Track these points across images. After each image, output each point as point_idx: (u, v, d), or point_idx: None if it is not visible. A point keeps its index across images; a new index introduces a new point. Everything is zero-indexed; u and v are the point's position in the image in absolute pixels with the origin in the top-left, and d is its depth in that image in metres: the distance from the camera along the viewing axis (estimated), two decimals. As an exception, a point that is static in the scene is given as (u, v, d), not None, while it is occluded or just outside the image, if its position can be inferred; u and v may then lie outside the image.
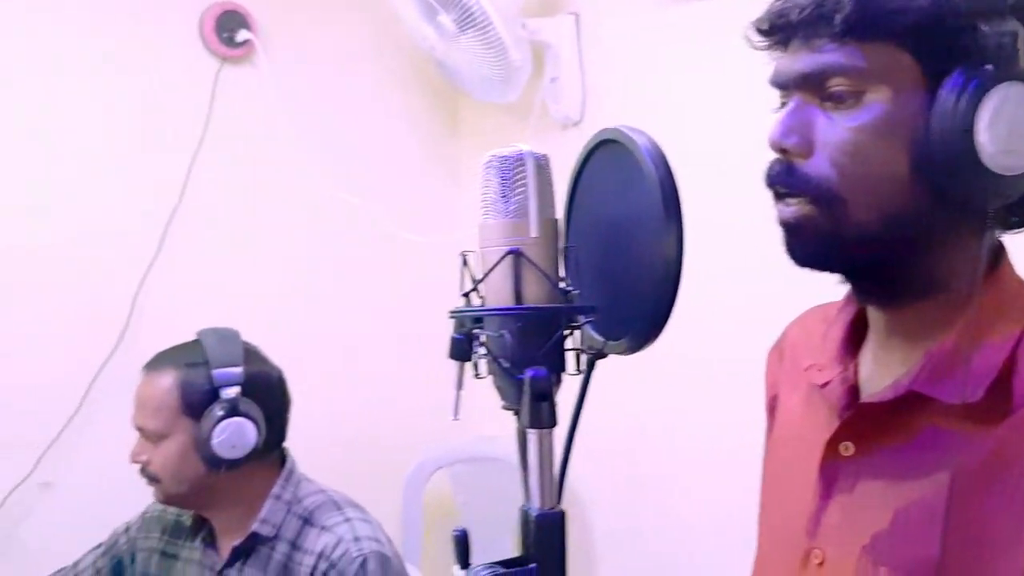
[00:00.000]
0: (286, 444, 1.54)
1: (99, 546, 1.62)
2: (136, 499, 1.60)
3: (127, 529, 1.60)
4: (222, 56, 2.28)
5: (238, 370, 1.42)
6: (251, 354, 1.47)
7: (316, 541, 1.43)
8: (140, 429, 1.44)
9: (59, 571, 1.60)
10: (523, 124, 2.33)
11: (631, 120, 0.80)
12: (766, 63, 0.85)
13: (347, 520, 1.47)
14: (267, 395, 1.46)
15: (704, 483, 2.03)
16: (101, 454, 2.07)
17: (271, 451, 1.49)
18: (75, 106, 2.13)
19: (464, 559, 0.77)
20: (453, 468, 2.68)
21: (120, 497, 1.66)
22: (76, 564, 1.61)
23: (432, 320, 2.72)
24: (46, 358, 2.08)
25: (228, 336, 1.47)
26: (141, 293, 2.15)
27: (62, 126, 2.11)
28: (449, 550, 2.69)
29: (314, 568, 1.41)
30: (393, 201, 2.54)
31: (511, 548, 2.60)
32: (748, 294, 1.81)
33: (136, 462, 1.45)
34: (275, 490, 1.47)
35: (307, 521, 1.46)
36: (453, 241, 2.58)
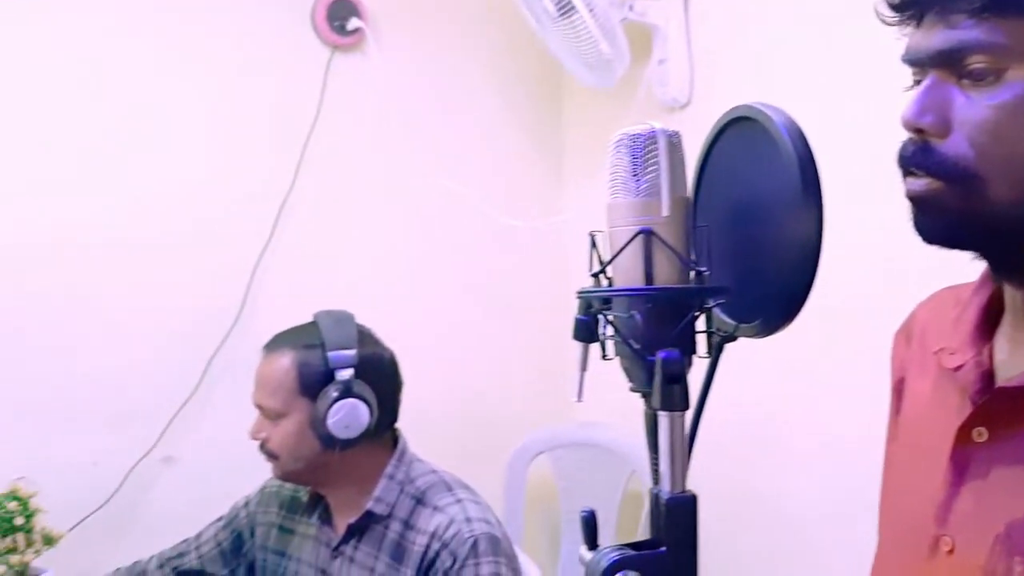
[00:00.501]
0: (396, 425, 1.57)
1: (220, 519, 1.67)
2: (253, 474, 1.65)
3: (246, 503, 1.65)
4: (333, 44, 2.32)
5: (352, 352, 1.45)
6: (364, 336, 1.50)
7: (429, 521, 1.45)
8: (260, 407, 1.48)
9: (183, 542, 1.67)
10: (628, 107, 2.31)
11: (741, 102, 0.78)
12: (894, 40, 0.82)
13: (458, 501, 1.48)
14: (380, 377, 1.48)
15: (813, 474, 1.98)
16: (219, 430, 2.15)
17: (383, 431, 1.52)
18: (191, 96, 2.20)
19: (592, 540, 0.76)
20: (555, 453, 2.68)
21: (237, 471, 1.71)
22: (199, 536, 1.67)
23: (535, 305, 2.76)
24: (168, 338, 2.16)
25: (343, 318, 1.50)
26: (256, 276, 2.22)
27: (178, 116, 2.18)
28: (549, 534, 2.73)
29: (427, 547, 1.43)
30: (497, 187, 2.56)
31: (611, 535, 2.60)
32: (866, 280, 1.75)
33: (255, 439, 1.49)
34: (388, 470, 1.50)
35: (419, 501, 1.48)
36: (556, 227, 2.62)
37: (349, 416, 1.42)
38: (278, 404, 1.45)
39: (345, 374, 1.43)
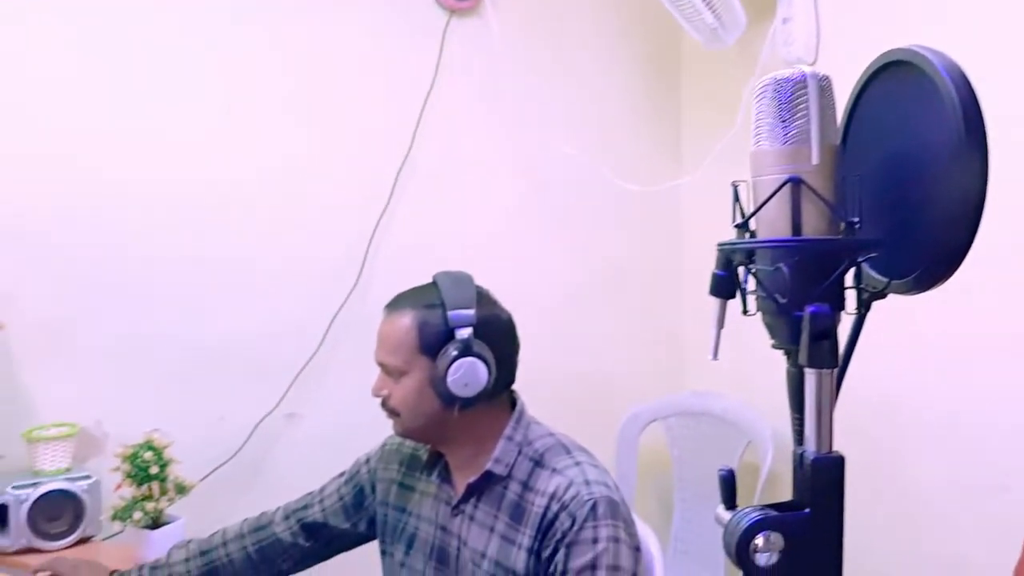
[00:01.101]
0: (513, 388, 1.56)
1: (342, 474, 1.71)
2: (372, 432, 1.68)
3: (368, 460, 1.68)
4: (451, 8, 2.32)
5: (471, 312, 1.45)
6: (483, 297, 1.50)
7: (548, 482, 1.44)
8: (381, 365, 1.50)
9: (307, 495, 1.71)
10: (750, 68, 2.23)
11: (871, 60, 0.73)
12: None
13: (577, 464, 1.47)
14: (498, 337, 1.48)
15: (944, 447, 1.90)
16: (340, 388, 2.21)
17: (501, 392, 1.52)
18: (314, 64, 2.23)
19: (730, 500, 0.73)
20: (668, 421, 2.65)
21: (358, 429, 1.75)
22: (322, 489, 1.71)
23: (650, 272, 2.72)
24: (291, 301, 2.23)
25: (462, 279, 1.50)
26: (375, 239, 2.25)
27: (301, 84, 2.23)
28: (661, 502, 2.70)
29: (546, 509, 1.42)
30: (613, 151, 2.52)
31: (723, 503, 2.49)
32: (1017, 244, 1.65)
33: (377, 396, 1.51)
34: (507, 431, 1.50)
35: (538, 463, 1.48)
36: (673, 192, 2.57)
37: (468, 375, 1.43)
38: (399, 362, 1.46)
39: (464, 333, 1.43)
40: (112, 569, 1.73)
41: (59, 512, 1.92)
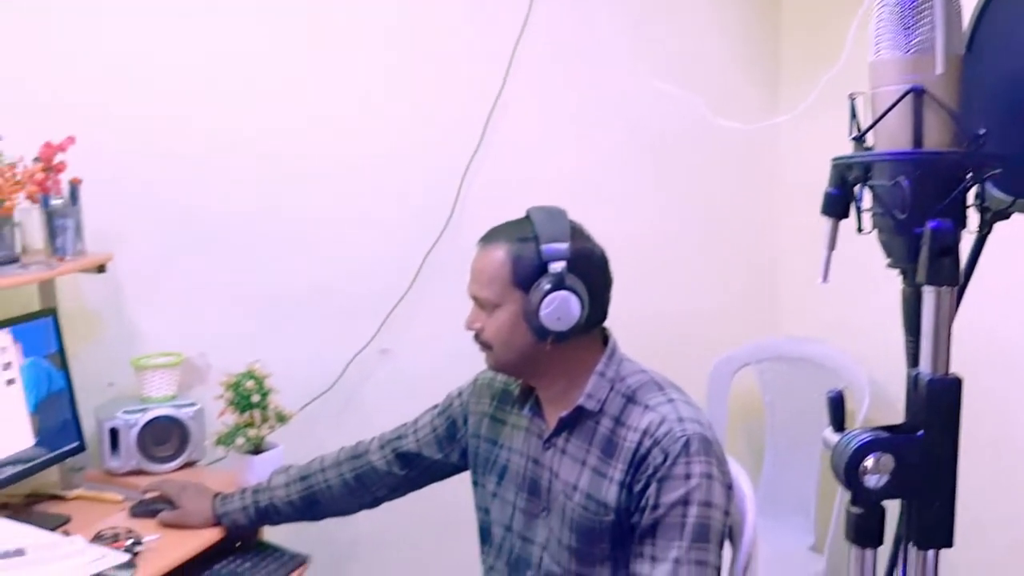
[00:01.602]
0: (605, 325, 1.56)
1: (435, 407, 1.74)
2: (463, 367, 1.70)
3: (460, 393, 1.71)
4: (544, -56, 2.28)
5: (565, 246, 1.44)
6: (577, 231, 1.48)
7: (640, 418, 1.44)
8: (475, 298, 1.51)
9: (401, 426, 1.75)
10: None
11: None
12: None
13: (670, 400, 1.46)
14: (591, 272, 1.47)
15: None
16: (432, 324, 2.24)
17: (593, 328, 1.51)
18: (406, 6, 2.23)
19: (839, 422, 0.71)
20: (761, 366, 2.61)
21: (449, 364, 1.77)
22: (416, 421, 1.74)
23: (746, 212, 2.65)
24: (385, 239, 2.26)
25: (556, 213, 1.49)
26: (467, 177, 2.26)
27: (394, 26, 2.23)
28: (752, 447, 2.67)
29: (638, 444, 1.42)
30: (709, 88, 2.46)
31: (818, 451, 2.49)
32: None
33: (470, 329, 1.52)
34: (599, 367, 1.49)
35: (630, 399, 1.47)
36: (771, 130, 2.49)
37: (561, 308, 1.42)
38: (492, 295, 1.47)
39: (557, 267, 1.43)
40: (216, 491, 1.81)
41: (166, 437, 2.00)
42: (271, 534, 1.87)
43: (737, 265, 2.66)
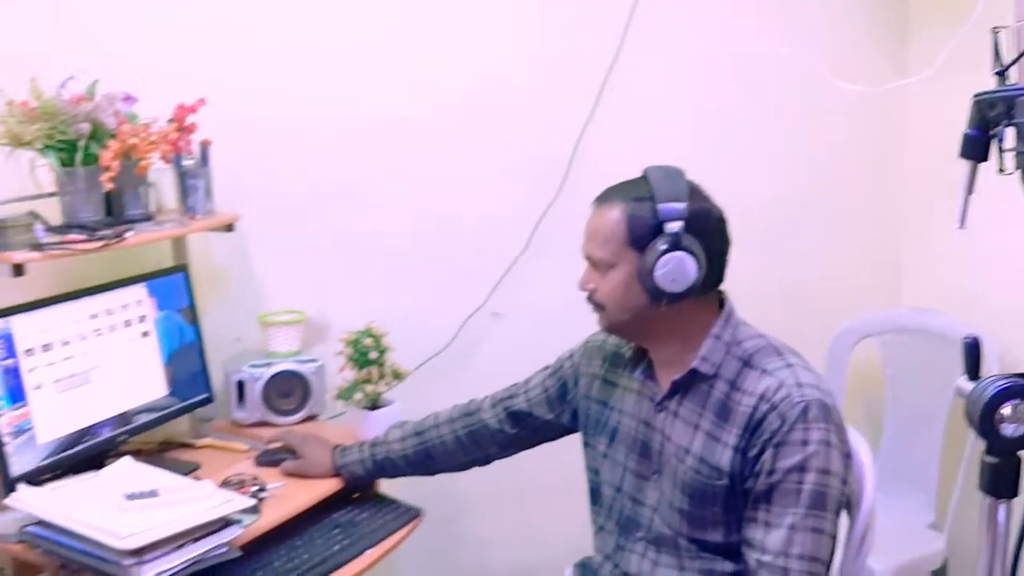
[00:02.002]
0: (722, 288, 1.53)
1: (546, 368, 1.75)
2: (574, 331, 1.70)
3: (571, 355, 1.71)
4: (663, -102, 2.23)
5: (682, 206, 1.42)
6: (695, 191, 1.46)
7: (757, 383, 1.42)
8: (589, 258, 1.50)
9: (513, 385, 1.77)
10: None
11: None
12: None
13: (789, 365, 1.43)
14: (709, 232, 1.45)
15: None
16: (544, 288, 2.24)
17: (710, 290, 1.49)
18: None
19: (974, 369, 0.68)
20: (882, 338, 2.52)
21: (560, 328, 1.78)
22: (527, 381, 1.76)
23: (869, 179, 2.56)
24: (499, 202, 2.27)
25: (673, 173, 1.47)
26: (582, 140, 2.25)
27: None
28: (871, 421, 2.59)
29: (754, 409, 1.40)
30: (831, 48, 2.37)
31: (941, 427, 2.41)
32: None
33: (584, 290, 1.52)
34: (715, 330, 1.47)
35: (747, 363, 1.45)
36: (896, 92, 2.38)
37: (676, 269, 1.41)
38: (607, 255, 1.46)
39: (674, 227, 1.41)
40: (335, 444, 1.88)
41: (289, 390, 2.08)
42: (387, 487, 1.93)
43: (859, 233, 2.57)
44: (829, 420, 1.38)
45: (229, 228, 1.99)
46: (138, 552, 1.42)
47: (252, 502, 1.64)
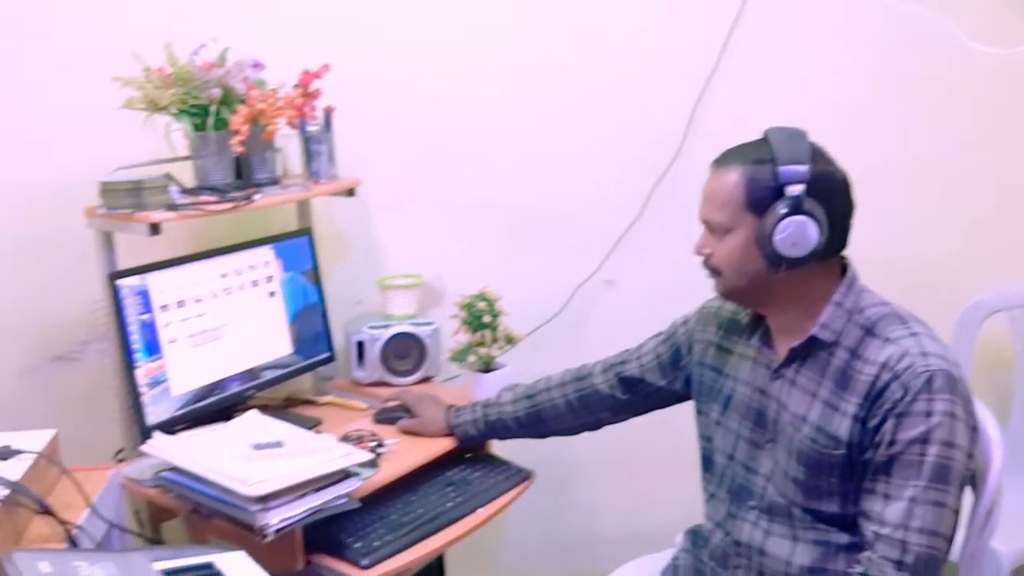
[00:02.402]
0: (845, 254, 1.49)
1: (659, 334, 1.74)
2: (688, 299, 1.69)
3: (685, 321, 1.70)
4: None
5: (804, 168, 1.38)
6: (818, 154, 1.42)
7: (879, 351, 1.37)
8: (705, 222, 1.48)
9: (625, 351, 1.77)
10: None
11: None
12: None
13: (914, 334, 1.38)
14: (831, 196, 1.40)
15: None
16: (658, 256, 2.23)
17: (832, 256, 1.45)
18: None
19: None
20: (1013, 313, 2.40)
21: (673, 297, 1.77)
22: (640, 347, 1.75)
23: (1003, 146, 2.42)
24: (613, 169, 2.26)
25: (796, 134, 1.43)
26: (699, 106, 2.21)
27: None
28: (999, 400, 2.46)
29: (876, 378, 1.36)
30: (965, 7, 2.25)
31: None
32: None
33: (700, 254, 1.50)
34: (836, 297, 1.43)
35: (869, 331, 1.41)
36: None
37: (797, 234, 1.37)
38: (724, 219, 1.43)
39: (795, 190, 1.37)
40: (449, 404, 1.92)
41: (406, 352, 2.14)
42: (499, 449, 1.96)
43: (991, 203, 2.44)
44: (955, 391, 1.33)
45: (351, 193, 2.05)
46: (264, 499, 1.49)
47: (370, 456, 1.70)
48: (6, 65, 1.94)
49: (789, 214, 1.37)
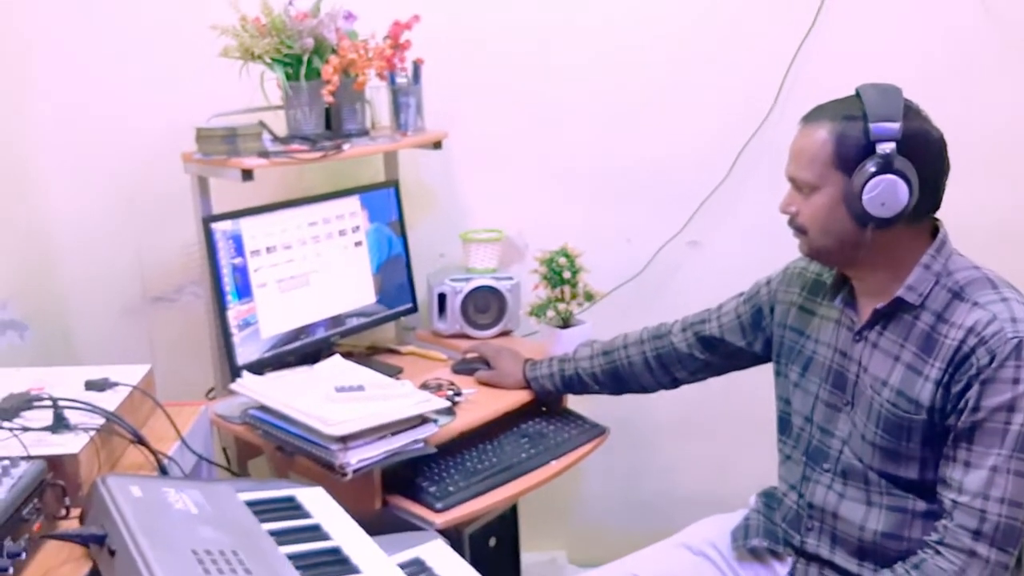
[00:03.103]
0: (938, 216, 1.44)
1: (741, 294, 1.72)
2: (773, 259, 1.66)
3: (768, 282, 1.67)
4: None
5: (896, 126, 1.34)
6: (911, 111, 1.37)
7: (966, 316, 1.33)
8: (792, 180, 1.45)
9: (705, 311, 1.75)
10: None
11: None
12: None
13: (1004, 300, 1.34)
14: (924, 156, 1.36)
15: None
16: (745, 217, 2.20)
17: (922, 217, 1.40)
18: None
19: None
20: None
21: (759, 258, 1.74)
22: (720, 307, 1.74)
23: None
24: (701, 130, 2.23)
25: (889, 91, 1.38)
26: (793, 67, 2.15)
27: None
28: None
29: (961, 342, 1.32)
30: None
31: None
32: None
33: (785, 212, 1.47)
34: (924, 259, 1.39)
35: (956, 295, 1.37)
36: None
37: (886, 193, 1.33)
38: (812, 176, 1.40)
39: (886, 148, 1.33)
40: (527, 358, 1.94)
41: (486, 306, 2.17)
42: (577, 405, 1.97)
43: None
44: (1045, 361, 1.29)
45: (437, 146, 2.08)
46: (344, 439, 1.54)
47: (447, 404, 1.74)
48: (109, 17, 2.02)
49: (878, 173, 1.33)
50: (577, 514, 2.46)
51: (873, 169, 1.34)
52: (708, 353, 1.73)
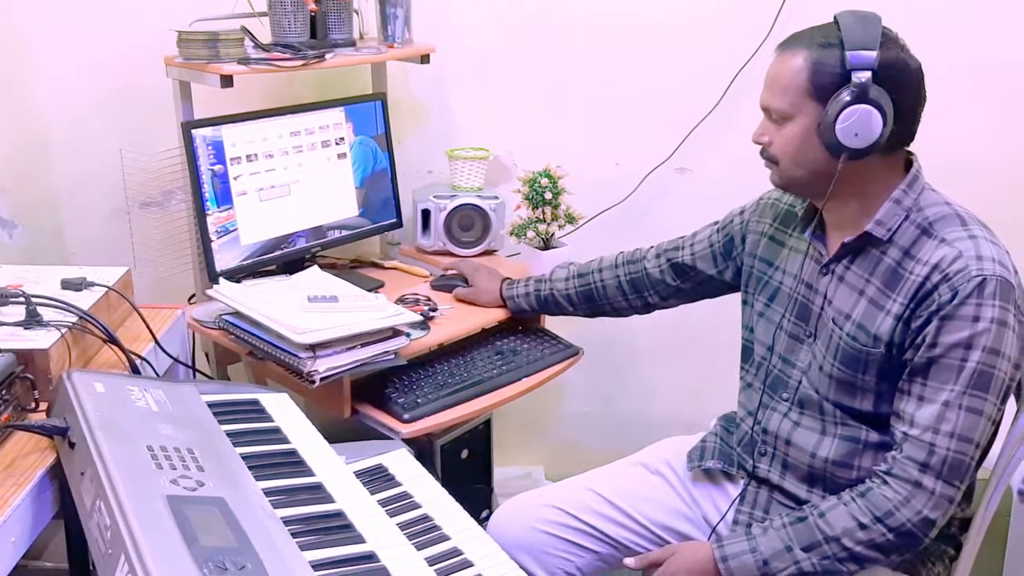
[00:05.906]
0: (912, 149, 1.42)
1: (715, 223, 1.71)
2: (759, 189, 1.64)
3: (742, 211, 1.67)
4: None
5: (873, 54, 1.31)
6: (889, 39, 1.34)
7: (932, 252, 1.32)
8: (765, 109, 1.43)
9: (679, 238, 1.75)
10: None
11: None
12: None
13: (972, 237, 1.33)
14: (901, 86, 1.33)
15: None
16: (733, 145, 2.16)
17: (896, 150, 1.38)
18: None
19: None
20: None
21: (746, 186, 1.72)
22: (694, 235, 1.73)
23: None
24: (694, 56, 2.19)
25: (868, 18, 1.35)
26: (791, -4, 2.11)
27: None
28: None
29: (925, 279, 1.31)
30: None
31: None
32: None
33: (758, 142, 1.45)
34: (895, 194, 1.38)
35: (925, 231, 1.36)
36: None
37: (860, 123, 1.31)
38: (785, 105, 1.38)
39: (862, 77, 1.31)
40: (505, 276, 1.95)
41: (470, 224, 2.17)
42: (558, 325, 1.99)
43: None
44: (1008, 299, 1.29)
45: (425, 59, 2.05)
46: (313, 347, 1.56)
47: (420, 318, 1.76)
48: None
49: (853, 102, 1.31)
50: (556, 431, 2.51)
51: (848, 98, 1.31)
52: (680, 280, 1.74)
